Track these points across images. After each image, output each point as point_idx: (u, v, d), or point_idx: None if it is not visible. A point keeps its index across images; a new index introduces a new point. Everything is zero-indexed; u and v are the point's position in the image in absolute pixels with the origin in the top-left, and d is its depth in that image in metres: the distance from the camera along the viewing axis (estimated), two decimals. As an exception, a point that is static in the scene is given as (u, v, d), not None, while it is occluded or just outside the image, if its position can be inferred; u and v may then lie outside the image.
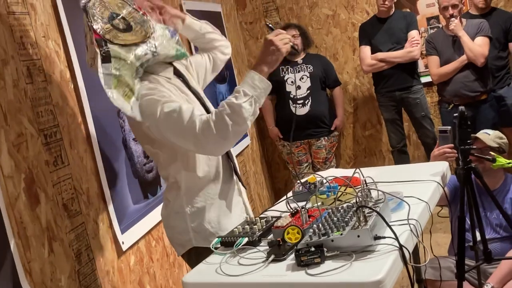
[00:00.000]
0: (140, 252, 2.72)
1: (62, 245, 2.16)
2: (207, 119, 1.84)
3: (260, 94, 1.90)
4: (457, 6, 3.97)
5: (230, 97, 1.85)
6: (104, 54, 1.84)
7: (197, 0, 4.09)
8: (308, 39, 4.67)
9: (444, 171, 2.32)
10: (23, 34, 2.12)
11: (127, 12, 2.00)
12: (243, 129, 1.88)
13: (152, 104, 1.88)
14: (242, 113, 1.83)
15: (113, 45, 1.88)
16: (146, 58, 1.95)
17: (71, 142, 2.31)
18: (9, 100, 2.00)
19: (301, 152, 4.66)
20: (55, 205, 2.15)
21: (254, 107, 1.87)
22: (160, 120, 1.87)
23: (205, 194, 2.05)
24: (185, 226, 2.05)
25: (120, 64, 1.87)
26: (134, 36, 1.95)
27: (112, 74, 1.84)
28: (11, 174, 1.95)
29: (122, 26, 1.95)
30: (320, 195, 2.08)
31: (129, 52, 1.90)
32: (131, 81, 1.90)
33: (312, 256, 1.54)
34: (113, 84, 1.85)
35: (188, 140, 1.88)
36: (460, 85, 4.03)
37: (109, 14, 1.94)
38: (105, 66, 1.84)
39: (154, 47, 1.97)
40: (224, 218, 2.08)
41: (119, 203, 2.57)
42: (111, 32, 1.90)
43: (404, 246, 1.55)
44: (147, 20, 2.03)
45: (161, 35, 2.03)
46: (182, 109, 1.86)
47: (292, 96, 4.55)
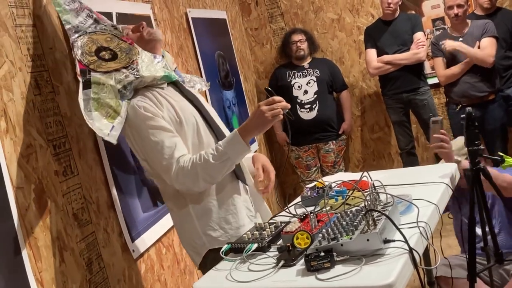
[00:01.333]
0: (150, 259, 2.73)
1: (73, 255, 2.17)
2: (182, 166, 1.98)
3: (237, 155, 2.01)
4: (463, 6, 3.97)
5: (209, 153, 1.98)
6: (85, 82, 2.03)
7: (202, 8, 4.11)
8: (314, 44, 4.69)
9: (453, 173, 2.31)
10: (30, 46, 2.14)
11: (114, 44, 2.17)
12: (214, 182, 2.06)
13: (140, 125, 2.04)
14: (215, 173, 1.99)
15: (95, 73, 2.05)
16: (128, 81, 2.08)
17: (80, 152, 2.32)
18: (18, 111, 2.01)
19: (309, 156, 4.66)
20: (65, 215, 2.17)
21: (228, 168, 2.01)
22: (143, 144, 2.05)
23: (208, 196, 2.10)
24: (197, 231, 2.10)
25: (99, 88, 2.04)
26: (117, 63, 2.11)
27: (91, 98, 2.01)
28: (21, 185, 1.96)
29: (108, 56, 2.12)
30: (329, 199, 2.08)
31: (109, 77, 2.07)
32: (114, 102, 2.04)
33: (321, 261, 1.54)
34: (93, 106, 2.01)
35: (162, 174, 2.05)
36: (467, 86, 4.03)
37: (96, 48, 2.12)
38: (85, 92, 2.03)
39: (136, 71, 2.09)
40: (232, 217, 2.11)
41: (129, 212, 2.58)
42: (96, 63, 2.09)
43: (414, 249, 1.55)
44: (133, 48, 2.18)
45: (147, 60, 2.15)
46: (165, 145, 2.00)
47: (299, 100, 4.56)
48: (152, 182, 2.76)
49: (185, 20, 3.73)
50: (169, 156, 1.99)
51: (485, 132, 4.11)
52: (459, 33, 4.07)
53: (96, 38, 2.17)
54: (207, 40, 4.00)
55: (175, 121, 2.07)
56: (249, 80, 4.93)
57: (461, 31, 4.07)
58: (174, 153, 2.00)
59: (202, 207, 2.10)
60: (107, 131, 2.00)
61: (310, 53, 4.67)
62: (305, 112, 4.54)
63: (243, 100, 4.53)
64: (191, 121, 2.11)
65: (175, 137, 2.04)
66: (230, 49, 4.49)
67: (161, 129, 2.02)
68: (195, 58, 3.76)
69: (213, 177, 2.01)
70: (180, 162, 1.99)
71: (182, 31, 3.64)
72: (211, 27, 4.16)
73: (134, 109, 2.05)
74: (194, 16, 3.82)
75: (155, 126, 2.02)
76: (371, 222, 1.60)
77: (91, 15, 2.24)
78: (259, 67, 5.13)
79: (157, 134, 2.01)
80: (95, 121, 1.99)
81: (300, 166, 4.72)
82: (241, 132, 1.98)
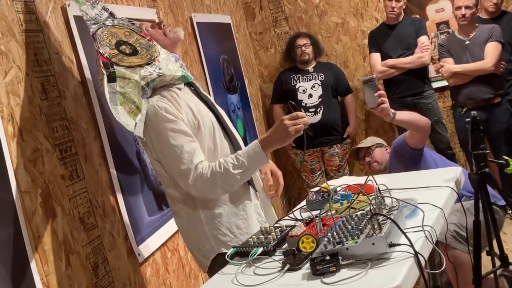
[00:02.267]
0: (156, 263, 2.74)
1: (79, 258, 2.18)
2: (201, 173, 1.97)
3: (256, 167, 2.03)
4: (471, 8, 3.97)
5: (229, 162, 1.98)
6: (110, 75, 1.98)
7: (207, 13, 4.12)
8: (319, 48, 4.70)
9: (458, 176, 2.31)
10: (37, 51, 2.16)
11: (133, 39, 2.13)
12: (231, 191, 2.07)
13: (161, 125, 2.01)
14: (234, 182, 2.00)
15: (119, 67, 2.00)
16: (151, 78, 2.04)
17: (86, 156, 2.34)
18: (25, 116, 2.03)
19: (314, 160, 4.66)
20: (71, 219, 2.18)
21: (246, 178, 2.03)
22: (161, 145, 2.02)
23: (219, 201, 2.09)
24: (205, 235, 2.09)
25: (125, 83, 1.99)
26: (139, 59, 2.06)
27: (117, 92, 1.97)
28: (28, 189, 1.97)
29: (128, 51, 2.07)
30: (334, 203, 2.08)
31: (134, 72, 2.01)
32: (137, 99, 2.01)
33: (327, 264, 1.54)
34: (119, 100, 1.97)
35: (178, 178, 2.03)
36: (473, 88, 4.03)
37: (115, 41, 2.08)
38: (111, 85, 1.97)
39: (159, 69, 2.06)
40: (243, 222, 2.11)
41: (134, 215, 2.59)
42: (117, 56, 2.03)
43: (420, 253, 1.55)
44: (152, 45, 2.15)
45: (166, 58, 2.13)
46: (184, 150, 1.98)
47: (304, 104, 4.56)
48: (158, 186, 2.78)
49: (190, 25, 3.75)
50: (188, 161, 1.98)
51: (490, 135, 4.11)
52: (466, 36, 4.07)
53: (115, 31, 2.13)
54: (212, 45, 4.01)
55: (193, 124, 2.05)
56: (254, 84, 4.94)
57: (468, 34, 4.07)
58: (193, 159, 1.98)
59: (213, 212, 2.08)
60: (133, 126, 1.97)
61: (314, 57, 4.68)
62: (309, 116, 4.54)
63: (248, 104, 4.54)
64: (208, 125, 2.10)
65: (194, 142, 2.02)
66: (234, 53, 4.50)
67: (181, 132, 2.00)
68: (199, 62, 3.77)
69: (232, 186, 2.01)
70: (198, 168, 1.98)
71: (187, 36, 3.66)
72: (216, 31, 4.17)
73: (155, 109, 2.01)
74: (199, 21, 3.83)
75: (175, 129, 1.99)
76: (376, 226, 1.61)
77: (106, 8, 2.21)
78: (264, 71, 5.14)
79: (177, 137, 1.99)
80: (120, 115, 1.96)
81: (304, 170, 4.72)
82: (262, 144, 1.98)
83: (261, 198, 2.24)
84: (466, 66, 3.98)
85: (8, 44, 2.01)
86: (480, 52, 3.97)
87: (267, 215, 2.27)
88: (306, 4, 4.96)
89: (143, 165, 2.73)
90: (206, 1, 4.14)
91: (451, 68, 4.02)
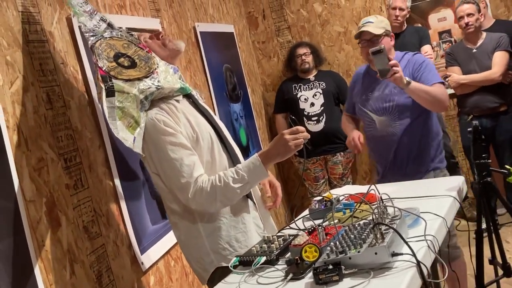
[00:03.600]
0: (159, 272, 2.75)
1: (83, 267, 2.19)
2: (201, 186, 1.97)
3: (256, 180, 2.04)
4: (473, 15, 3.99)
5: (229, 176, 1.98)
6: (108, 89, 1.98)
7: (210, 22, 4.15)
8: (320, 57, 4.72)
9: (460, 186, 2.32)
10: (42, 61, 2.18)
11: (132, 51, 2.13)
12: (230, 204, 2.07)
13: (159, 138, 2.00)
14: (233, 196, 2.00)
15: (117, 80, 2.00)
16: (150, 91, 2.04)
17: (90, 166, 2.35)
18: (30, 126, 2.05)
19: (317, 168, 4.67)
20: (75, 228, 2.19)
21: (245, 191, 2.04)
22: (160, 159, 2.01)
23: (219, 214, 2.09)
24: (205, 248, 2.09)
25: (123, 97, 1.99)
26: (138, 71, 2.06)
27: (116, 107, 1.97)
28: (32, 198, 1.99)
29: (126, 63, 2.07)
30: (337, 212, 2.09)
31: (132, 86, 2.02)
32: (136, 112, 2.01)
33: (330, 274, 1.55)
34: (117, 115, 1.97)
35: (178, 191, 2.02)
36: (479, 96, 4.05)
37: (114, 53, 2.08)
38: (109, 100, 1.98)
39: (157, 81, 2.06)
40: (242, 236, 2.11)
41: (138, 224, 2.60)
42: (116, 69, 2.03)
43: (422, 262, 1.56)
44: (151, 57, 2.15)
45: (164, 70, 2.13)
46: (183, 163, 1.98)
47: (306, 113, 4.58)
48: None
49: (193, 34, 3.78)
50: (188, 175, 1.97)
51: (495, 143, 4.12)
52: (474, 44, 4.09)
53: (113, 43, 2.13)
54: (215, 54, 4.04)
55: (192, 137, 2.05)
56: (257, 93, 4.96)
57: (475, 42, 4.08)
58: (193, 172, 1.98)
59: (212, 225, 2.09)
60: (131, 142, 1.98)
61: (315, 66, 4.70)
62: (312, 124, 4.56)
63: (251, 113, 4.56)
64: (206, 138, 2.10)
65: (193, 155, 2.02)
66: (237, 62, 4.52)
67: (181, 146, 1.99)
68: (203, 71, 3.80)
69: (231, 199, 2.02)
70: (198, 182, 1.97)
71: (190, 45, 3.68)
72: (219, 40, 4.20)
73: (153, 122, 2.01)
74: (202, 30, 3.86)
75: (174, 143, 1.99)
76: (379, 236, 1.62)
77: (104, 19, 2.21)
78: (266, 80, 5.16)
79: (176, 150, 1.98)
80: (119, 130, 1.96)
81: (308, 178, 4.73)
82: (262, 158, 1.98)
83: (260, 210, 2.25)
84: (473, 77, 4.00)
85: (14, 54, 2.04)
86: (487, 60, 3.99)
87: (266, 226, 2.27)
88: (309, 13, 4.99)
89: (146, 174, 2.74)
90: (209, 11, 4.17)
91: (459, 80, 4.04)
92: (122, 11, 2.85)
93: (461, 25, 4.08)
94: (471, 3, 4.06)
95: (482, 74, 3.98)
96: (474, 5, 4.05)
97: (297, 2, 5.00)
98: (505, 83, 4.00)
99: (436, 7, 4.71)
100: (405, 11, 4.37)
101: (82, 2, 2.19)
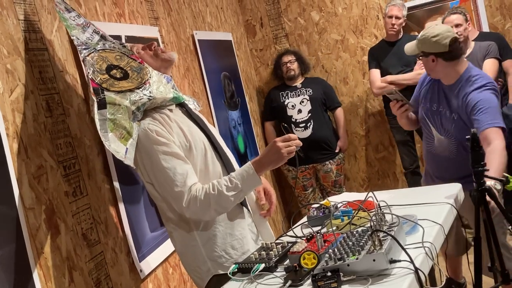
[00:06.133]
0: (157, 279, 2.75)
1: (82, 274, 2.20)
2: (195, 195, 1.97)
3: (249, 188, 2.04)
4: (461, 25, 4.02)
5: (223, 184, 1.98)
6: (100, 101, 1.99)
7: (209, 30, 4.17)
8: (305, 64, 4.75)
9: (457, 193, 2.33)
10: (42, 69, 2.19)
11: (124, 63, 2.13)
12: (224, 212, 2.08)
13: (152, 148, 2.02)
14: (227, 204, 2.01)
15: (109, 92, 2.02)
16: (142, 102, 2.06)
17: (89, 173, 2.36)
18: (30, 133, 2.06)
19: (305, 177, 4.67)
20: (74, 235, 2.19)
21: (239, 199, 2.03)
22: (153, 168, 2.02)
23: (214, 222, 2.10)
24: (202, 257, 2.11)
25: (114, 109, 2.01)
26: (130, 83, 2.08)
27: (107, 119, 1.98)
28: (32, 206, 1.99)
29: (119, 75, 2.09)
30: (335, 219, 2.10)
31: (124, 98, 2.03)
32: (128, 123, 2.02)
33: (328, 281, 1.56)
34: (109, 127, 1.98)
35: (172, 201, 2.03)
36: None
37: (106, 66, 2.09)
38: (101, 112, 1.99)
39: (149, 92, 2.07)
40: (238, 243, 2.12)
41: (137, 231, 2.60)
42: (108, 81, 2.05)
43: (420, 269, 1.57)
44: (144, 67, 2.15)
45: (157, 80, 2.14)
46: (177, 172, 1.98)
47: (293, 120, 4.61)
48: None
49: (192, 42, 3.80)
50: (181, 184, 1.98)
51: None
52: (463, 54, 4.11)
53: (105, 55, 2.14)
54: (213, 61, 4.06)
55: (185, 146, 2.06)
56: (254, 100, 4.98)
57: (465, 52, 4.11)
58: (186, 181, 1.99)
59: (208, 233, 2.10)
60: (123, 154, 1.99)
61: (301, 73, 4.73)
62: (300, 131, 4.58)
63: (249, 120, 4.58)
64: (200, 147, 2.10)
65: (186, 164, 2.02)
66: (235, 70, 4.55)
67: (174, 155, 2.00)
68: (201, 79, 3.81)
69: (225, 208, 2.02)
70: (192, 190, 1.98)
71: (188, 53, 3.70)
72: (217, 48, 4.22)
73: (146, 132, 2.03)
74: (201, 38, 3.88)
75: (167, 152, 2.00)
76: (377, 243, 1.63)
77: (97, 31, 2.23)
78: (264, 88, 5.18)
79: (169, 160, 1.99)
80: (110, 142, 1.97)
81: (296, 187, 4.74)
82: (255, 166, 1.99)
83: (255, 217, 2.25)
84: None
85: (14, 62, 2.05)
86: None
87: (263, 232, 2.28)
88: (306, 22, 5.02)
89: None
90: (207, 19, 4.19)
91: None
92: (121, 19, 2.87)
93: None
94: (458, 13, 4.08)
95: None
96: (461, 14, 4.08)
97: (295, 10, 5.03)
98: None
99: (432, 15, 4.75)
100: (402, 19, 4.40)
101: (75, 16, 2.21)
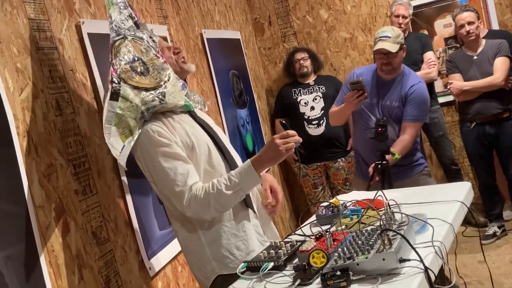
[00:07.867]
0: (166, 277, 2.76)
1: (92, 272, 2.21)
2: (195, 194, 1.98)
3: (249, 186, 2.03)
4: (473, 23, 4.00)
5: (222, 183, 1.98)
6: (114, 91, 1.98)
7: (217, 29, 4.18)
8: (318, 61, 4.75)
9: (467, 191, 2.32)
10: (52, 68, 2.21)
11: (148, 58, 2.11)
12: (224, 211, 2.07)
13: (152, 149, 2.02)
14: (227, 202, 2.01)
15: (126, 85, 2.00)
16: (153, 105, 2.05)
17: (99, 171, 2.37)
18: (40, 132, 2.07)
19: (316, 175, 4.67)
20: (84, 233, 2.21)
21: (239, 198, 2.03)
22: (155, 168, 2.02)
23: (219, 222, 2.10)
24: (207, 256, 2.11)
25: (125, 104, 2.00)
26: (147, 80, 2.06)
27: (115, 113, 1.98)
28: (42, 204, 2.01)
29: (140, 69, 2.07)
30: (344, 218, 2.10)
31: (138, 95, 2.02)
32: (133, 122, 2.02)
33: (338, 280, 1.56)
34: (114, 121, 1.98)
35: (174, 200, 2.04)
36: (482, 103, 4.04)
37: (131, 56, 2.07)
38: (111, 103, 1.98)
39: (162, 96, 2.06)
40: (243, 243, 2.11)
41: (146, 230, 2.61)
42: (128, 73, 2.03)
43: (429, 268, 1.56)
44: (166, 68, 2.14)
45: (173, 85, 2.13)
46: (178, 172, 1.99)
47: (306, 117, 4.60)
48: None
49: (200, 41, 3.80)
50: (182, 183, 1.99)
51: (499, 149, 4.12)
52: (474, 51, 4.10)
53: (132, 45, 2.10)
54: (222, 60, 4.06)
55: (187, 145, 2.06)
56: (262, 99, 4.98)
57: (476, 49, 4.09)
58: (187, 180, 1.99)
59: (213, 233, 2.10)
60: (118, 151, 1.99)
61: (314, 70, 4.72)
62: (312, 128, 4.58)
63: (257, 119, 4.58)
64: (203, 147, 2.10)
65: (188, 164, 2.03)
66: (244, 68, 4.55)
67: (175, 155, 2.00)
68: (210, 77, 3.82)
69: (225, 206, 2.02)
70: (192, 190, 1.99)
71: (197, 52, 3.71)
72: (226, 47, 4.22)
73: (147, 133, 2.02)
74: (209, 37, 3.88)
75: (169, 153, 2.00)
76: (386, 242, 1.62)
77: (132, 16, 2.18)
78: (272, 86, 5.18)
79: (170, 160, 1.99)
80: (111, 135, 1.98)
81: (306, 185, 4.73)
82: (254, 164, 1.99)
83: (261, 217, 2.25)
84: (476, 83, 4.00)
85: (24, 61, 2.06)
86: (488, 67, 3.99)
87: (268, 232, 2.27)
88: (315, 20, 5.01)
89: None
90: (216, 18, 4.19)
91: (461, 86, 4.04)
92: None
93: (462, 33, 4.10)
94: (470, 11, 4.07)
95: (484, 80, 3.98)
96: (473, 12, 4.06)
97: (303, 8, 5.02)
98: (507, 89, 4.00)
99: (441, 13, 4.73)
100: (408, 18, 4.39)
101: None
